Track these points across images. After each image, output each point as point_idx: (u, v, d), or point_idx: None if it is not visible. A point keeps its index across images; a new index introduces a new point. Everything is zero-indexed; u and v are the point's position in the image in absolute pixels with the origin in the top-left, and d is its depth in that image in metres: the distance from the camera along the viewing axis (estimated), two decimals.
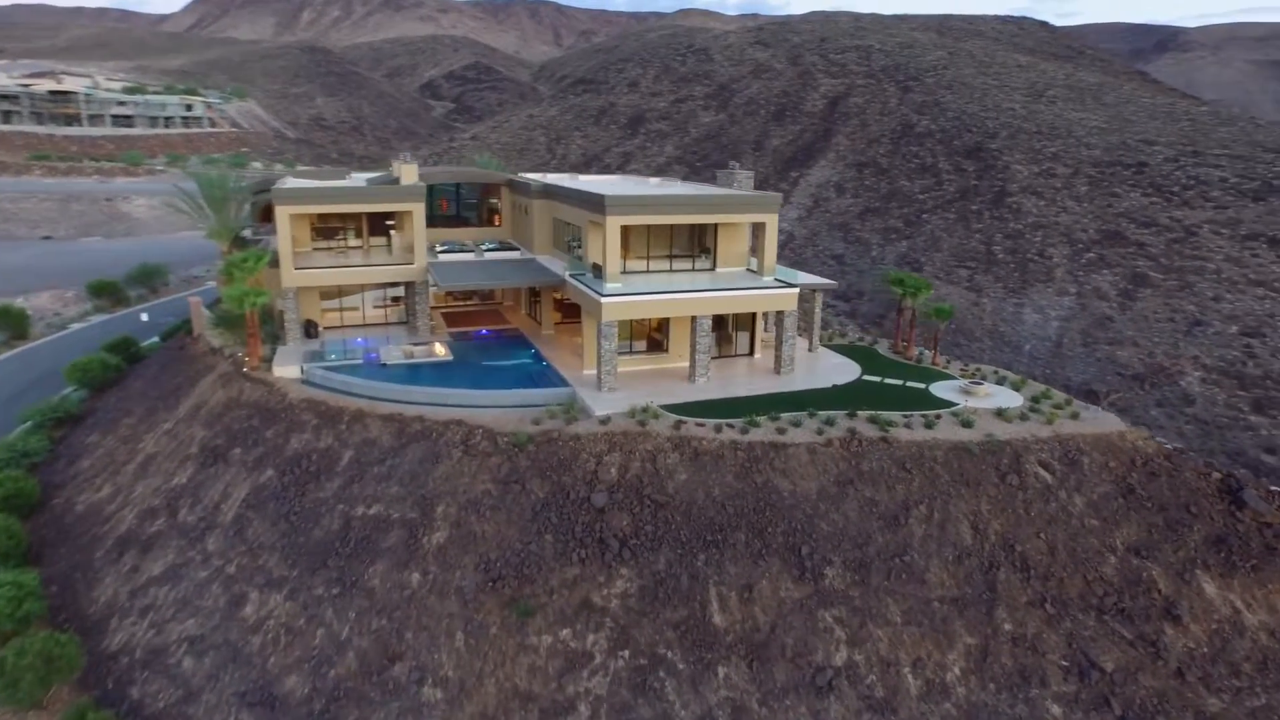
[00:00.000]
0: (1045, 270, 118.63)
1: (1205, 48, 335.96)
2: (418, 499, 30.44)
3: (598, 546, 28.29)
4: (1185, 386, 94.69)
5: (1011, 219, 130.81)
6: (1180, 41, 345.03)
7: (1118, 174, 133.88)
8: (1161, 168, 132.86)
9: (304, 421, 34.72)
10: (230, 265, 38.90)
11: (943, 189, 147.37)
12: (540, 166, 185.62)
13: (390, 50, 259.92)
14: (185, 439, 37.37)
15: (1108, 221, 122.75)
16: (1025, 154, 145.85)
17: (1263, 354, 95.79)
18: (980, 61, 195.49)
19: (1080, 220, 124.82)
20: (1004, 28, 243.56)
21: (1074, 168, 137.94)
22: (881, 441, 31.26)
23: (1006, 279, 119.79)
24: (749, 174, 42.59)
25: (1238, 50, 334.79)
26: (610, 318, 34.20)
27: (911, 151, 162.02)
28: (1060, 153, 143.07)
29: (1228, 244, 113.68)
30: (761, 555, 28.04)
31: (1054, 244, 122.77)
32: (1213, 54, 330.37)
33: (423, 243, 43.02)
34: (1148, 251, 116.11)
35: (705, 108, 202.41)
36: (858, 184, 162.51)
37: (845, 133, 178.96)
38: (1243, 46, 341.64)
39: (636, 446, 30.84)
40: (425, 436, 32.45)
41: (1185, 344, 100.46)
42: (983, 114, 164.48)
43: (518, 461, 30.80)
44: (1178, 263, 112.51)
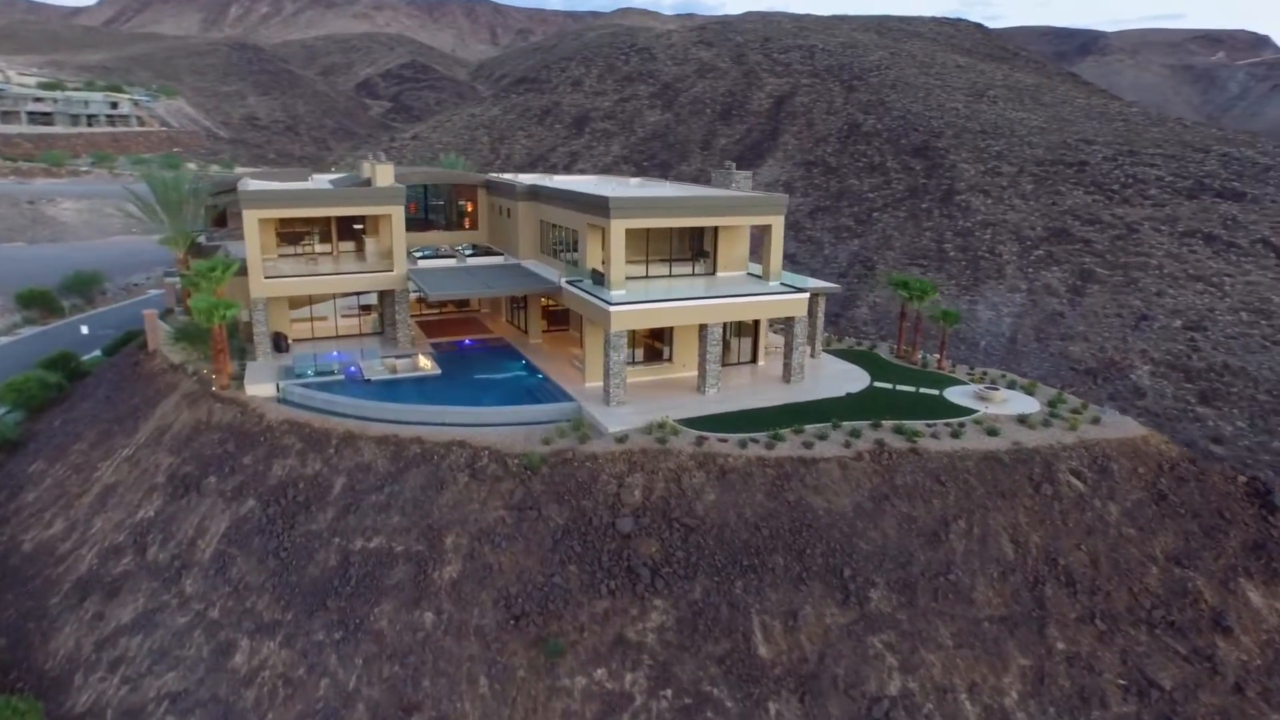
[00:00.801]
0: (996, 267, 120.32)
1: (1123, 52, 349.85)
2: (423, 530, 27.93)
3: (627, 576, 26.29)
4: (1136, 380, 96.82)
5: (961, 217, 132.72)
6: (1100, 45, 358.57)
7: (1060, 172, 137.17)
8: (1101, 166, 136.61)
9: (286, 445, 31.75)
10: (197, 275, 35.53)
11: (892, 187, 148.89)
12: (485, 167, 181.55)
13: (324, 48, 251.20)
14: (149, 467, 33.93)
15: (1054, 219, 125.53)
16: (971, 153, 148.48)
17: (1205, 347, 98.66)
18: (921, 62, 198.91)
19: (1028, 218, 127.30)
20: (941, 29, 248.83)
21: (1019, 166, 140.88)
22: (911, 453, 30.03)
23: (959, 276, 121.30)
24: (747, 174, 41.08)
25: (1153, 55, 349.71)
26: (620, 327, 32.21)
27: (859, 150, 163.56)
28: (1004, 151, 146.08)
29: (1167, 240, 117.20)
30: (802, 579, 26.45)
31: (1003, 241, 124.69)
32: (1130, 58, 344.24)
33: (403, 248, 40.24)
34: (1093, 248, 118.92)
35: (651, 107, 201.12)
36: (807, 183, 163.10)
37: (792, 132, 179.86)
38: (1157, 51, 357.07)
39: (659, 465, 28.93)
40: (426, 460, 29.91)
41: (1133, 338, 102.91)
42: (927, 113, 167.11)
43: (531, 485, 28.55)
44: (1122, 259, 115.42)
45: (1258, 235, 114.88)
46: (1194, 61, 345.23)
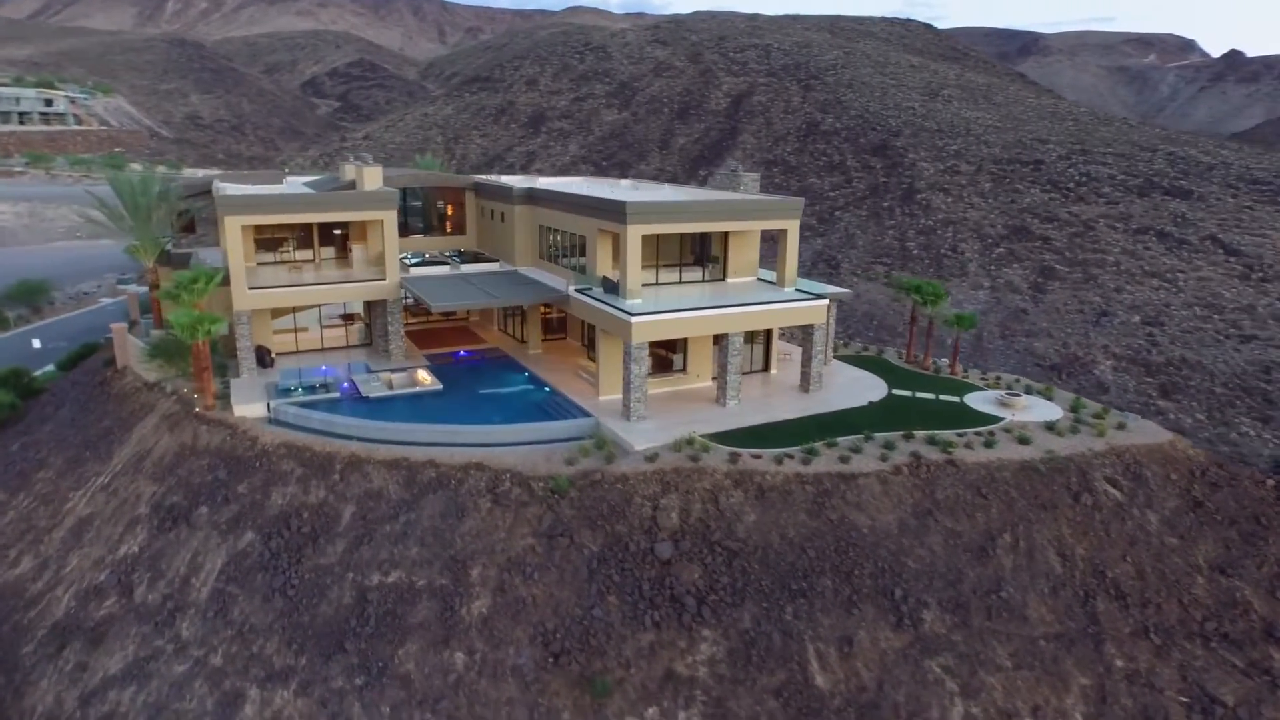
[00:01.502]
0: (959, 265, 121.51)
1: (1062, 53, 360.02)
2: (446, 562, 25.98)
3: (672, 606, 24.77)
4: (1099, 375, 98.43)
5: (922, 215, 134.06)
6: (1040, 46, 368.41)
7: (1017, 171, 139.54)
8: (1056, 165, 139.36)
9: (285, 472, 29.41)
10: (178, 287, 32.81)
11: (853, 186, 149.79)
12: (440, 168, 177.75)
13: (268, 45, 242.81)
14: (129, 497, 31.19)
15: (1013, 217, 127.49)
16: (929, 152, 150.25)
17: (1163, 341, 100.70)
18: (876, 62, 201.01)
19: (988, 216, 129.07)
20: (892, 29, 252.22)
21: (976, 165, 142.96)
22: (949, 465, 29.12)
23: (923, 274, 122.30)
24: (754, 176, 39.84)
25: (1090, 56, 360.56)
26: (641, 339, 30.63)
27: (819, 149, 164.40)
28: (962, 150, 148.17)
29: (1122, 237, 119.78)
30: (853, 602, 25.26)
31: (965, 239, 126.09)
32: (1069, 59, 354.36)
33: (395, 255, 37.96)
34: (1053, 246, 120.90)
35: (608, 106, 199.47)
36: (768, 182, 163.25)
37: (751, 131, 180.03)
38: (1094, 53, 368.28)
39: (693, 485, 27.45)
40: (442, 485, 27.92)
41: (1095, 334, 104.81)
42: (885, 112, 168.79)
43: (560, 511, 26.81)
44: (1080, 256, 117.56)
45: (1206, 232, 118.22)
46: (1128, 63, 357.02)
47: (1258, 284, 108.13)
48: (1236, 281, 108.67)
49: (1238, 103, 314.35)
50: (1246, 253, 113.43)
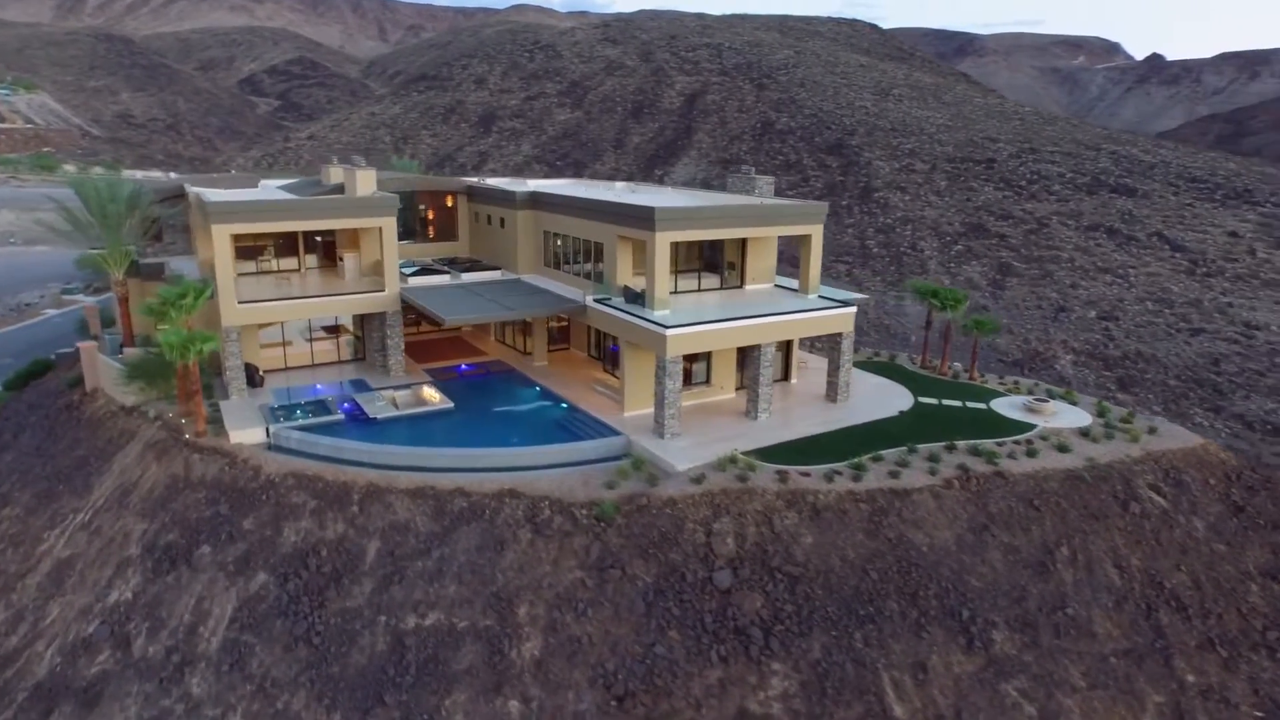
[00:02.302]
0: (919, 263, 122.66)
1: (998, 54, 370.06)
2: (488, 600, 24.03)
3: (737, 638, 23.30)
4: (1060, 370, 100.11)
5: (880, 214, 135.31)
6: (976, 47, 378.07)
7: (971, 169, 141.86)
8: (1008, 164, 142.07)
9: (296, 504, 27.00)
10: (165, 302, 29.96)
11: (810, 185, 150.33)
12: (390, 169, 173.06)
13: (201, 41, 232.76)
14: (115, 536, 28.32)
15: (969, 215, 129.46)
16: (884, 150, 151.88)
17: (1119, 336, 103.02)
18: (826, 61, 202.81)
19: (945, 214, 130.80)
20: (839, 29, 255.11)
21: (931, 163, 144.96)
22: (997, 476, 28.33)
23: (884, 272, 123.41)
24: (769, 179, 38.62)
25: (1024, 57, 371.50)
26: (676, 352, 29.06)
27: (775, 148, 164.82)
28: (916, 149, 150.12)
29: (1074, 234, 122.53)
30: (921, 625, 24.17)
31: (924, 237, 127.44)
32: (1004, 59, 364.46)
33: (394, 265, 35.60)
34: (1009, 243, 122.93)
35: (560, 105, 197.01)
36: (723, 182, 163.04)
37: (706, 130, 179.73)
38: (1028, 54, 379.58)
39: (745, 508, 26.03)
40: (475, 515, 25.91)
41: (1054, 329, 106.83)
42: (838, 111, 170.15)
43: (608, 540, 25.09)
44: (1036, 253, 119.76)
45: (1152, 229, 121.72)
46: (1059, 65, 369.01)
47: (1202, 279, 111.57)
48: (1183, 276, 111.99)
49: (1161, 104, 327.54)
50: (1191, 248, 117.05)
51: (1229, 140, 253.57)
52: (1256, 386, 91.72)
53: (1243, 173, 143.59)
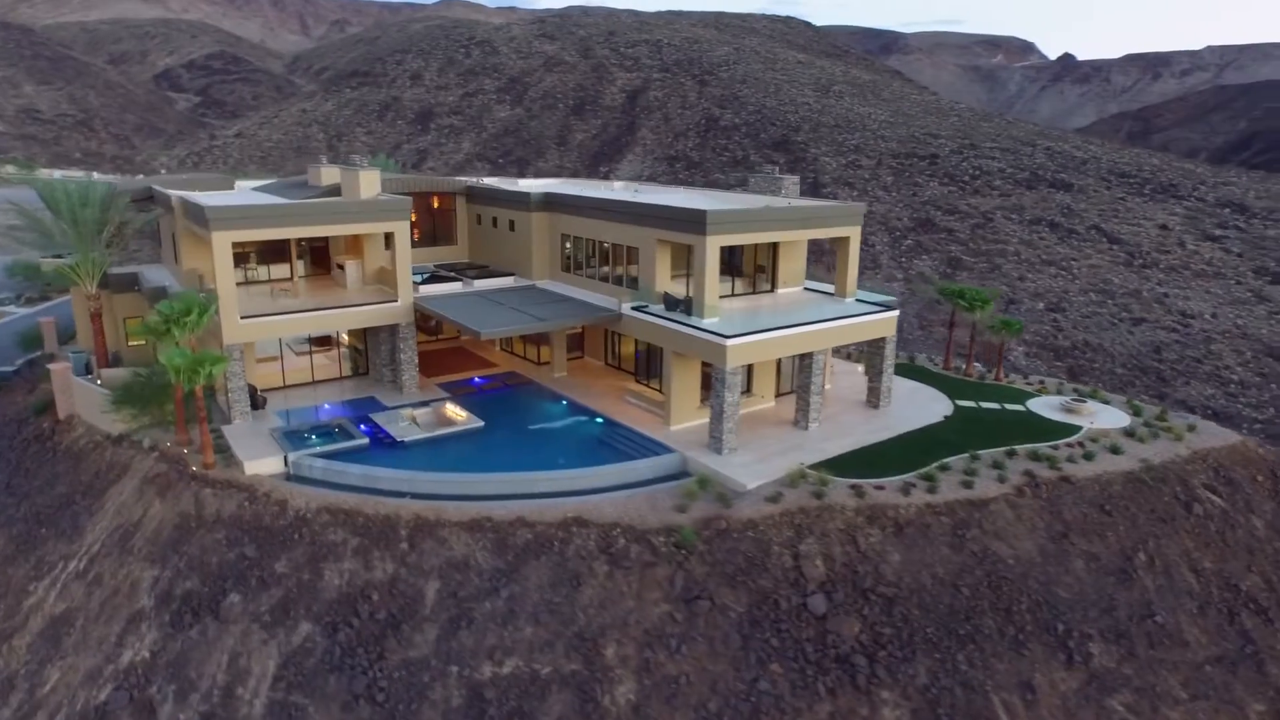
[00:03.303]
0: (871, 258, 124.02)
1: (922, 52, 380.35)
2: (571, 642, 22.03)
3: (841, 668, 21.93)
4: (1014, 361, 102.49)
5: None
6: (901, 45, 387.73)
7: (915, 165, 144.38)
8: (950, 159, 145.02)
9: (335, 543, 24.40)
10: (168, 320, 26.75)
11: None
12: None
13: (110, 33, 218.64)
14: (121, 586, 25.15)
15: (917, 210, 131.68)
16: (829, 146, 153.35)
17: (1067, 326, 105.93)
18: (765, 58, 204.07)
19: (894, 209, 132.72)
20: (774, 26, 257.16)
21: (876, 159, 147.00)
22: (1063, 482, 27.76)
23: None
24: (794, 179, 37.37)
25: (947, 55, 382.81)
26: (736, 362, 27.49)
27: (720, 145, 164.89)
28: (861, 145, 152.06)
29: (1018, 228, 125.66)
30: (1020, 642, 23.26)
31: (874, 232, 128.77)
32: (928, 57, 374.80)
33: (408, 272, 32.96)
34: (957, 237, 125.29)
35: (499, 101, 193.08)
36: (671, 178, 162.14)
37: (649, 126, 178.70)
38: (949, 53, 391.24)
39: (826, 526, 24.68)
40: (542, 547, 23.83)
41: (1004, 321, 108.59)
42: (781, 108, 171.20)
43: (692, 569, 23.38)
44: (984, 246, 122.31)
45: (1091, 222, 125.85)
46: (979, 63, 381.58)
47: (1139, 270, 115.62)
48: (1122, 268, 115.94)
49: (1074, 102, 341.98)
50: (1127, 241, 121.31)
51: (1138, 137, 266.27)
52: (1195, 373, 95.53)
53: (1165, 168, 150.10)
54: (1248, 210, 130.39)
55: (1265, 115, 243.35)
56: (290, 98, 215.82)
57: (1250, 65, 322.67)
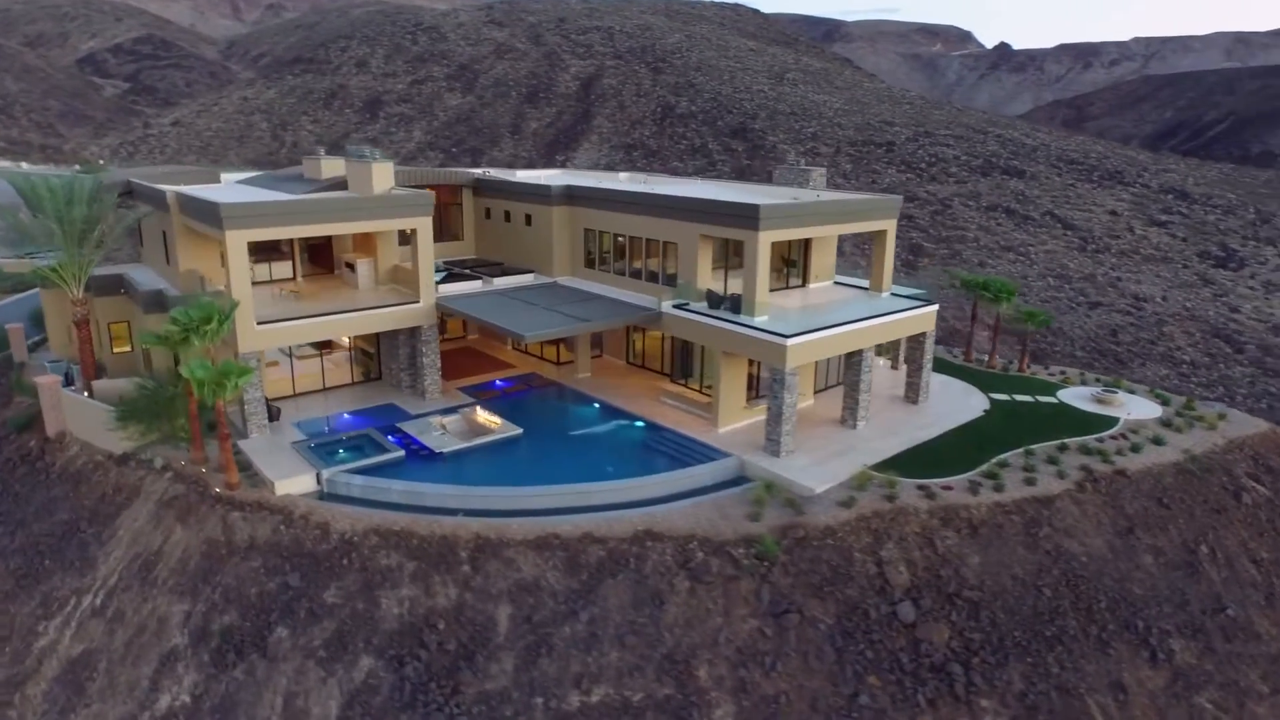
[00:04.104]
0: None
1: (863, 40, 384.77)
2: (661, 665, 20.83)
3: (938, 677, 21.25)
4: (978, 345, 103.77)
5: None
6: (843, 33, 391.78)
7: (872, 152, 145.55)
8: (906, 147, 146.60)
9: (388, 567, 22.68)
10: (187, 329, 24.43)
11: (718, 169, 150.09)
12: (269, 156, 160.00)
13: (25, 14, 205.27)
14: (147, 622, 22.99)
15: None
16: (788, 134, 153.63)
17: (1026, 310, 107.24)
18: (717, 45, 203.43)
19: None
20: (724, 13, 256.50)
21: (835, 146, 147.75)
22: (1119, 476, 27.64)
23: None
24: (822, 171, 36.50)
25: (887, 44, 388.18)
26: (795, 362, 26.52)
27: (678, 133, 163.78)
28: (819, 133, 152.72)
29: (976, 214, 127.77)
30: (1104, 642, 22.95)
31: None
32: (870, 46, 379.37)
33: (430, 272, 31.06)
34: (917, 224, 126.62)
35: (450, 89, 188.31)
36: (629, 166, 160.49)
37: (605, 114, 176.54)
38: (890, 41, 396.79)
39: (903, 530, 23.97)
40: (617, 564, 22.53)
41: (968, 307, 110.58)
42: (737, 95, 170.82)
43: (776, 581, 22.38)
44: (944, 233, 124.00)
45: (1045, 208, 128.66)
46: (919, 51, 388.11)
47: (1093, 255, 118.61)
48: (1076, 253, 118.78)
49: (1011, 90, 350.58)
50: (1080, 226, 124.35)
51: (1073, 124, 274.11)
52: (1150, 354, 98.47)
53: (1109, 155, 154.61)
54: (1188, 196, 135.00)
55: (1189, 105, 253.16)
56: (228, 85, 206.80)
57: (1172, 56, 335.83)
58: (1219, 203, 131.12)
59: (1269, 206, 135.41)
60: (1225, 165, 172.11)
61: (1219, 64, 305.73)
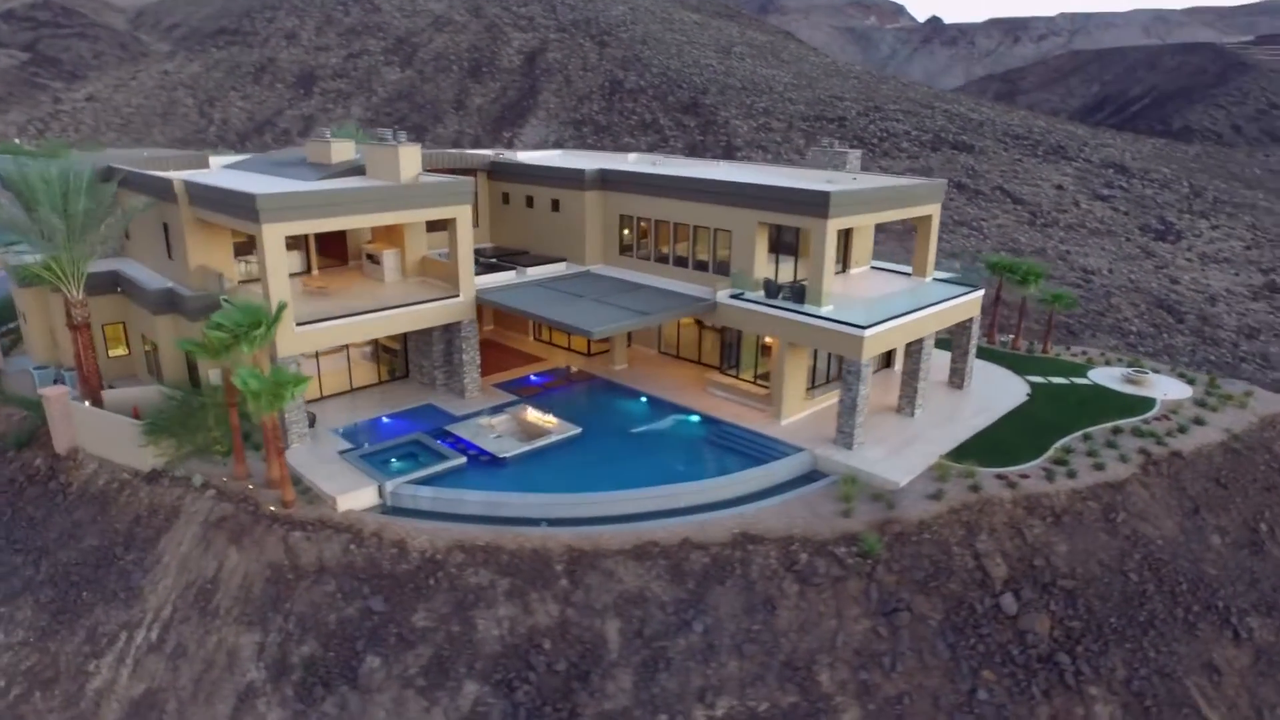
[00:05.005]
0: None
1: (798, 12, 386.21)
2: (781, 672, 20.26)
3: (1048, 668, 21.29)
4: None
5: None
6: (777, 5, 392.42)
7: (824, 127, 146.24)
8: (857, 121, 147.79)
9: (480, 586, 21.45)
10: (235, 334, 22.41)
11: (670, 145, 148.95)
12: (197, 135, 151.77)
13: None
14: (215, 657, 21.26)
15: None
16: (739, 109, 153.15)
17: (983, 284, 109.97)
18: (662, 19, 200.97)
19: None
20: None
21: (787, 122, 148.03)
22: (1175, 457, 28.20)
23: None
24: (858, 154, 35.92)
25: (821, 17, 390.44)
26: (871, 353, 26.05)
27: (628, 108, 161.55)
28: (770, 108, 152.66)
29: None
30: (1191, 624, 23.37)
31: None
32: (804, 18, 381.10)
33: (469, 264, 29.42)
34: None
35: (387, 64, 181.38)
36: (579, 143, 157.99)
37: (551, 90, 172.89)
38: (824, 13, 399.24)
39: (992, 521, 23.89)
40: (723, 570, 21.80)
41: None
42: (686, 70, 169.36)
43: (882, 579, 22.00)
44: None
45: (994, 183, 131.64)
46: (853, 24, 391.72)
47: (1042, 228, 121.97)
48: (1027, 227, 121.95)
49: (944, 64, 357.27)
50: (1028, 200, 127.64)
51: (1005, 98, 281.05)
52: (1099, 326, 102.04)
53: (1051, 130, 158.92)
54: (1128, 170, 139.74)
55: (1114, 80, 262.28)
56: (142, 58, 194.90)
57: (1096, 32, 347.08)
58: (1155, 177, 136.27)
59: (1200, 180, 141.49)
60: (1158, 140, 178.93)
61: (1138, 40, 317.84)
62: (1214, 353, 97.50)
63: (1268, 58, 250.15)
